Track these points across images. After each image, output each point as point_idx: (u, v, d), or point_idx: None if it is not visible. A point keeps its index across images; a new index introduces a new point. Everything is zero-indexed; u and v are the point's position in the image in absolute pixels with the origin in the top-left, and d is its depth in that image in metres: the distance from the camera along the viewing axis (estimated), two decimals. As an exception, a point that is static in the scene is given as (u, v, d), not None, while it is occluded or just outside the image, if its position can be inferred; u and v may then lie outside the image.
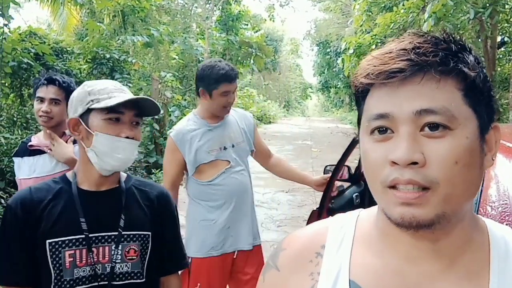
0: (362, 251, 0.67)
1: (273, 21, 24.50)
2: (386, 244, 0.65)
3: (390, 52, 0.59)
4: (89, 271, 1.23)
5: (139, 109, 1.29)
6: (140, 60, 10.27)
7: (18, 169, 2.15)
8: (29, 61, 6.35)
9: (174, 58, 13.36)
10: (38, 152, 2.09)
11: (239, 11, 17.58)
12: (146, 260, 1.32)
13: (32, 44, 6.70)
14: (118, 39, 9.77)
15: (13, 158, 2.23)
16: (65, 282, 1.22)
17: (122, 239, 1.27)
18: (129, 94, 1.31)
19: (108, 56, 8.61)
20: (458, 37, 0.61)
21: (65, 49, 8.07)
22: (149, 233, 1.33)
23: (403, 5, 8.07)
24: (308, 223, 2.71)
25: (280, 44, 32.74)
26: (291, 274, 0.70)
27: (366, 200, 2.94)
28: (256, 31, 18.73)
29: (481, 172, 0.61)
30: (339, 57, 18.30)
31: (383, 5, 9.58)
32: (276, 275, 0.72)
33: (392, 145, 0.58)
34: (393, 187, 0.57)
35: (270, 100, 29.03)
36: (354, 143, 2.63)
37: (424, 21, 7.02)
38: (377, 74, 0.59)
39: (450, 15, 6.77)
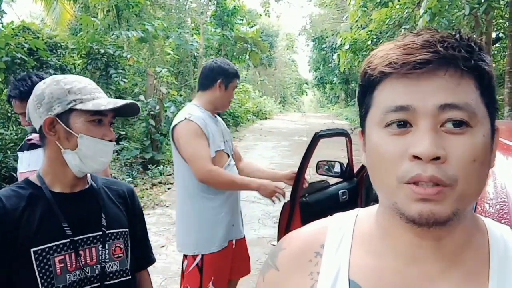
0: (362, 251, 0.66)
1: (269, 16, 24.42)
2: (387, 243, 0.65)
3: (412, 43, 0.58)
4: (79, 275, 1.19)
5: (117, 111, 1.25)
6: (135, 55, 10.22)
7: (20, 163, 2.26)
8: (22, 56, 6.29)
9: (169, 53, 13.29)
10: (36, 146, 2.13)
11: (234, 6, 17.51)
12: (129, 257, 1.31)
13: (25, 39, 6.64)
14: (113, 34, 9.70)
15: (17, 153, 2.37)
16: None
17: (107, 238, 1.25)
18: (103, 93, 1.27)
19: (102, 51, 8.55)
20: (472, 38, 0.61)
21: (59, 44, 8.00)
22: (127, 229, 1.32)
23: (399, 0, 8.08)
24: (280, 216, 2.67)
25: (276, 39, 32.68)
26: (290, 274, 0.69)
27: (360, 197, 2.94)
28: (251, 26, 18.66)
29: (489, 171, 0.61)
30: (334, 52, 18.31)
31: (378, 0, 9.56)
32: (275, 275, 0.72)
33: (412, 139, 0.56)
34: (413, 183, 0.56)
35: (265, 96, 28.99)
36: (316, 138, 2.57)
37: (420, 17, 7.03)
38: (402, 64, 0.57)
39: (445, 11, 6.78)
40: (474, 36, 0.63)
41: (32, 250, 1.13)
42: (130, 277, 1.30)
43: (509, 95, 6.98)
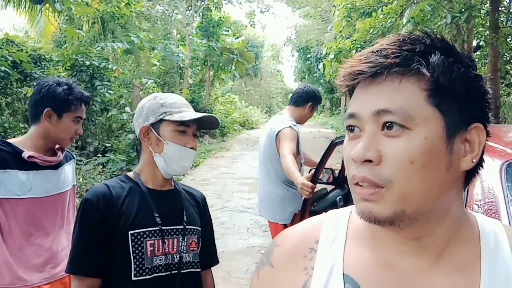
0: (355, 246, 0.68)
1: (254, 27, 24.62)
2: (376, 239, 0.66)
3: (361, 55, 0.62)
4: (164, 260, 1.37)
5: (200, 123, 1.46)
6: (120, 67, 10.16)
7: (10, 183, 1.70)
8: (6, 69, 6.22)
9: (155, 65, 13.28)
10: (39, 167, 1.77)
11: (220, 18, 17.61)
12: (198, 252, 1.49)
13: (9, 52, 6.57)
14: (98, 46, 9.66)
15: None
16: (147, 270, 1.33)
17: (187, 232, 1.44)
18: (191, 109, 1.49)
19: (87, 63, 8.50)
20: (436, 36, 0.62)
21: (43, 57, 7.92)
22: (200, 228, 1.51)
23: (382, 10, 8.20)
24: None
25: (261, 50, 32.91)
26: (285, 270, 0.70)
27: (350, 202, 2.97)
28: (237, 37, 18.77)
29: (451, 173, 0.60)
30: (319, 62, 18.50)
31: (362, 10, 9.70)
32: (270, 272, 0.72)
33: (357, 143, 0.61)
34: (356, 183, 0.60)
35: (252, 106, 29.09)
36: (332, 145, 2.65)
37: (403, 26, 7.16)
38: (344, 77, 0.63)
39: (428, 20, 6.91)
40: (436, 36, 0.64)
41: (129, 232, 1.33)
42: (200, 269, 1.48)
43: (491, 101, 7.11)
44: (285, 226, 2.90)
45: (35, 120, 1.79)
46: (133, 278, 1.32)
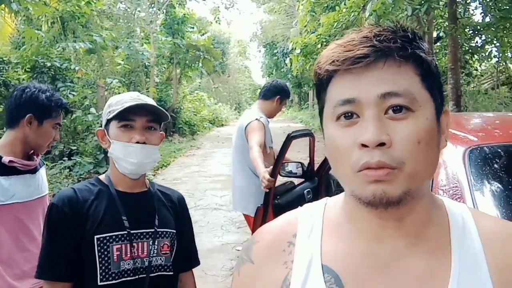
0: (332, 237, 0.69)
1: (219, 23, 24.48)
2: (354, 227, 0.68)
3: (353, 40, 0.62)
4: (132, 264, 1.34)
5: (153, 115, 1.39)
6: (83, 67, 9.89)
7: None
8: (-40, 73, 5.93)
9: (120, 64, 12.98)
10: (19, 171, 1.75)
11: (184, 14, 17.38)
12: (173, 256, 1.45)
13: (-37, 55, 6.27)
14: (59, 46, 9.34)
15: None
16: (113, 275, 1.31)
17: (158, 235, 1.40)
18: (143, 101, 1.39)
19: (48, 64, 8.23)
20: (410, 27, 0.65)
21: (1, 59, 7.61)
22: (175, 231, 1.47)
23: (345, 4, 8.32)
24: (255, 220, 2.76)
25: (228, 46, 32.76)
26: (265, 265, 0.71)
27: (322, 194, 3.00)
28: (203, 34, 18.57)
29: (438, 152, 0.64)
30: (286, 57, 18.58)
31: (325, 5, 9.82)
32: (251, 268, 0.73)
33: (359, 129, 0.60)
34: (366, 168, 0.59)
35: (221, 103, 28.96)
36: (289, 139, 2.67)
37: (366, 19, 7.29)
38: (342, 60, 0.61)
39: (389, 12, 7.07)
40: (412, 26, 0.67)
41: (95, 237, 1.31)
42: (171, 273, 1.43)
43: (452, 90, 7.36)
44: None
45: (13, 125, 1.78)
46: (99, 283, 1.29)
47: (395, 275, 0.63)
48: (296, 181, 3.20)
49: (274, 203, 2.69)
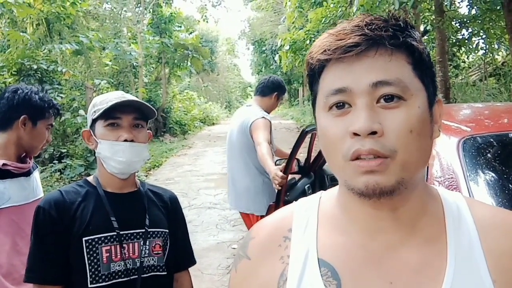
0: (327, 230, 0.69)
1: (207, 22, 24.38)
2: (349, 220, 0.67)
3: (344, 29, 0.62)
4: (123, 265, 1.32)
5: (139, 113, 1.37)
6: (70, 69, 9.77)
7: None
8: None
9: (107, 65, 12.86)
10: (13, 174, 1.73)
11: (171, 13, 17.27)
12: (166, 256, 1.44)
13: None
14: (45, 48, 9.21)
15: None
16: (103, 277, 1.29)
17: (149, 236, 1.39)
18: (128, 99, 1.37)
19: (35, 66, 8.13)
20: (402, 17, 0.64)
21: (-15, 63, 7.50)
22: (167, 230, 1.45)
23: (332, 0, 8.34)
24: None
25: (216, 44, 32.65)
26: (262, 261, 0.71)
27: (316, 189, 3.03)
28: (190, 33, 18.48)
29: (431, 141, 0.64)
30: (275, 54, 18.59)
31: (313, 1, 9.83)
32: (247, 264, 0.73)
33: (351, 118, 0.60)
34: (356, 158, 0.59)
35: (211, 102, 28.90)
36: (303, 134, 2.70)
37: (353, 14, 7.31)
38: (334, 50, 0.61)
39: (376, 7, 7.09)
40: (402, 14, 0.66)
41: (84, 239, 1.29)
42: (165, 273, 1.42)
43: (441, 83, 7.41)
44: (262, 217, 2.91)
45: (6, 127, 1.75)
46: (89, 286, 1.28)
47: (391, 266, 0.63)
48: (297, 176, 3.23)
49: (285, 200, 2.70)
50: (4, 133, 1.75)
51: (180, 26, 18.35)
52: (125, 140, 1.33)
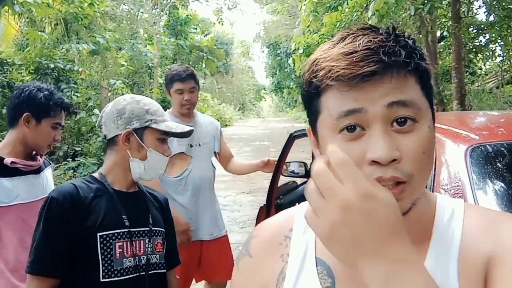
0: None
1: (222, 24, 24.48)
2: None
3: (356, 52, 0.58)
4: (133, 261, 1.37)
5: (178, 133, 1.52)
6: (87, 69, 9.91)
7: None
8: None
9: (123, 65, 13.02)
10: (21, 172, 1.74)
11: (187, 15, 17.43)
12: (164, 253, 1.50)
13: (-33, 57, 6.30)
14: (62, 48, 9.37)
15: None
16: (115, 272, 1.33)
17: (152, 234, 1.45)
18: (167, 116, 1.54)
19: (52, 66, 8.27)
20: (402, 31, 0.63)
21: (5, 61, 7.66)
22: (164, 229, 1.52)
23: (348, 4, 8.31)
24: (257, 220, 2.76)
25: (231, 47, 32.78)
26: (263, 259, 0.73)
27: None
28: (206, 35, 18.62)
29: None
30: (289, 57, 18.57)
31: (328, 5, 9.81)
32: (249, 262, 0.75)
33: (366, 143, 0.58)
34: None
35: (224, 104, 28.98)
36: (291, 139, 2.69)
37: (368, 19, 7.27)
38: (349, 77, 0.57)
39: (392, 12, 7.05)
40: (410, 31, 0.65)
41: (98, 234, 1.32)
42: (165, 270, 1.49)
43: (456, 89, 7.33)
44: None
45: (13, 125, 1.78)
46: (101, 280, 1.31)
47: None
48: (299, 181, 3.20)
49: (277, 202, 2.70)
50: (12, 131, 1.78)
51: (196, 28, 18.49)
52: (167, 156, 1.48)
